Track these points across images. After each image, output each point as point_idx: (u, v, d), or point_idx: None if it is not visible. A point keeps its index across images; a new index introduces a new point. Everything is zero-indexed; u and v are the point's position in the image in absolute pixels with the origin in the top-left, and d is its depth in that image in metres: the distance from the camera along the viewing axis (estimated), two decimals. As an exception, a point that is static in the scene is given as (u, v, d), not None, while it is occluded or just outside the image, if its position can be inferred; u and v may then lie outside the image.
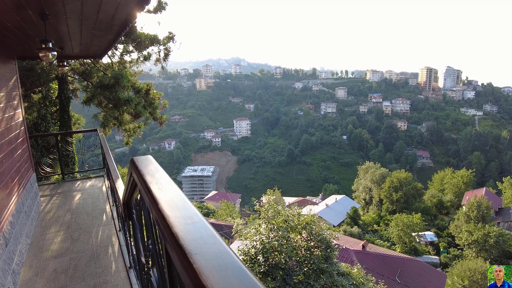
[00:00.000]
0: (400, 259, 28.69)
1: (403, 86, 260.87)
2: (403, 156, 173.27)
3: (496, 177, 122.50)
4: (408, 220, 46.79)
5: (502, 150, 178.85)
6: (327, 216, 60.53)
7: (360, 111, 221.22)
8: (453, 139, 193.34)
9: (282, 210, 12.33)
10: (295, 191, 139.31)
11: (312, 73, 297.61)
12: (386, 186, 64.16)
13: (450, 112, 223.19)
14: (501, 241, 43.21)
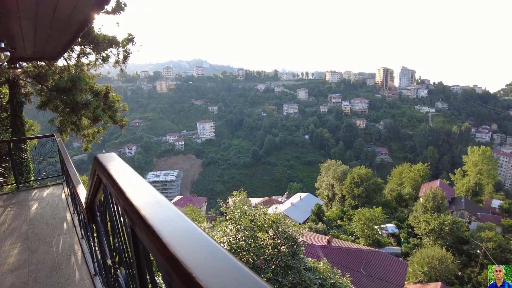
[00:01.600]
0: (364, 252, 29.69)
1: (361, 86, 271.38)
2: (362, 153, 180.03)
3: (448, 170, 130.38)
4: (370, 214, 48.68)
5: (453, 144, 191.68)
6: (293, 214, 61.37)
7: (321, 111, 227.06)
8: (409, 135, 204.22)
9: (249, 210, 12.42)
10: (261, 191, 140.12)
11: (274, 75, 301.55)
12: (348, 182, 66.21)
13: (406, 110, 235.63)
14: (455, 228, 46.25)
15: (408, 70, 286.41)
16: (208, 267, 0.79)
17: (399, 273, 28.58)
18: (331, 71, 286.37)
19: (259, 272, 11.14)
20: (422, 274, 38.27)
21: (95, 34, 13.84)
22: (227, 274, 0.76)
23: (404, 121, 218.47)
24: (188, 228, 1.05)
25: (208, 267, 0.79)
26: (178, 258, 0.83)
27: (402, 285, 27.20)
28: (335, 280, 11.96)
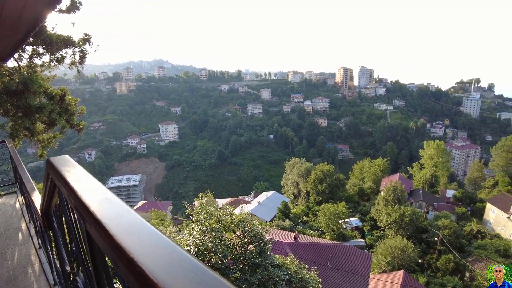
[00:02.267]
0: (330, 246, 30.45)
1: (322, 86, 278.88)
2: (325, 150, 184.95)
3: (407, 163, 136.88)
4: (334, 209, 49.98)
5: (410, 139, 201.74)
6: (260, 213, 61.72)
7: (284, 111, 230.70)
8: (369, 132, 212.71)
9: (215, 211, 12.37)
10: (227, 192, 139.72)
11: (237, 75, 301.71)
12: (312, 179, 67.53)
13: (365, 108, 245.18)
14: (414, 218, 48.65)
15: (367, 70, 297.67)
16: (150, 252, 0.88)
17: (364, 265, 29.60)
18: (293, 72, 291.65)
19: (227, 272, 11.13)
20: (386, 264, 39.89)
21: (48, 34, 13.14)
22: (165, 257, 0.84)
23: (364, 119, 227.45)
24: (134, 221, 1.16)
25: (149, 252, 0.88)
26: (122, 246, 0.92)
27: (368, 276, 28.22)
28: (303, 275, 12.21)
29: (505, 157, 79.10)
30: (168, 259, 0.83)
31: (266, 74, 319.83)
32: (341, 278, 25.54)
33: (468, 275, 42.50)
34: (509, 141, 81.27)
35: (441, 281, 40.45)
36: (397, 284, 32.92)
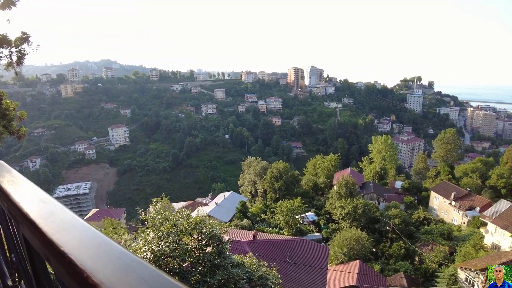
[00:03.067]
0: (288, 241, 30.92)
1: (275, 86, 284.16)
2: (280, 148, 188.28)
3: (357, 158, 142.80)
4: (290, 205, 50.93)
5: (360, 135, 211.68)
6: (218, 214, 61.31)
7: (239, 111, 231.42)
8: (320, 130, 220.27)
9: (170, 215, 12.07)
10: (184, 195, 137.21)
11: (189, 75, 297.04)
12: (268, 177, 68.35)
13: (316, 106, 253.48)
14: (367, 210, 51.00)
15: (317, 69, 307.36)
16: (79, 245, 0.91)
17: (322, 258, 30.41)
18: (246, 72, 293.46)
19: (186, 276, 10.93)
20: (343, 255, 41.45)
21: (-24, 32, 12.07)
22: (94, 247, 0.88)
23: (315, 117, 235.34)
24: (67, 218, 1.18)
25: (79, 245, 0.91)
26: (53, 241, 0.94)
27: (326, 268, 29.05)
28: (262, 272, 12.30)
29: (445, 148, 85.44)
30: (96, 249, 0.87)
31: (220, 74, 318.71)
32: (300, 272, 26.05)
33: (418, 259, 45.46)
34: (448, 134, 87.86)
35: (394, 266, 42.91)
36: (354, 273, 34.35)
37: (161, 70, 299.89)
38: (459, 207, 56.67)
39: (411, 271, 41.68)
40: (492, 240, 43.68)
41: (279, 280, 12.77)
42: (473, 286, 33.24)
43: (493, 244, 43.23)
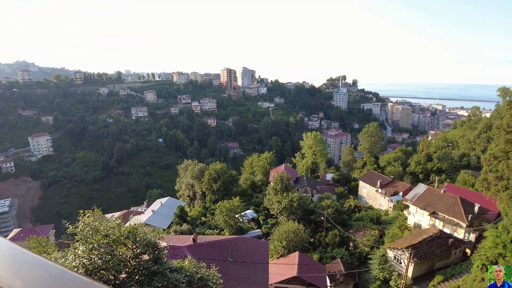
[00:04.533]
0: (229, 241, 30.99)
1: (208, 87, 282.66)
2: (216, 149, 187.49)
3: (290, 154, 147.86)
4: (229, 205, 51.23)
5: (292, 132, 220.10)
6: (155, 221, 59.41)
7: (172, 113, 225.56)
8: (255, 129, 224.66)
9: (100, 226, 11.40)
10: (117, 205, 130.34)
11: (117, 77, 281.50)
12: (206, 179, 67.83)
13: (250, 106, 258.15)
14: (302, 202, 53.06)
15: (249, 70, 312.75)
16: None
17: (262, 253, 31.00)
18: (178, 72, 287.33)
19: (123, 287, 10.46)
20: (282, 248, 42.72)
21: None
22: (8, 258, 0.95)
23: (249, 117, 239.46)
24: None
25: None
26: None
27: (267, 262, 29.67)
28: (202, 273, 12.21)
29: (369, 141, 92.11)
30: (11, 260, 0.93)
31: (150, 75, 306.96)
32: (242, 270, 26.31)
33: (352, 244, 48.56)
34: (371, 127, 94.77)
35: (331, 254, 45.36)
36: (295, 265, 35.62)
37: (86, 73, 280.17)
38: (385, 194, 61.58)
39: (347, 256, 44.45)
40: (414, 220, 48.34)
41: (219, 280, 12.77)
42: (400, 262, 36.48)
43: (415, 224, 47.85)
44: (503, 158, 28.87)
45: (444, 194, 46.46)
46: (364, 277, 41.75)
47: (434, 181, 61.49)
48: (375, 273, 38.28)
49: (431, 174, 70.19)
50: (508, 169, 27.92)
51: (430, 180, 65.42)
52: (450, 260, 38.45)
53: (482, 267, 31.30)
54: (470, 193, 48.68)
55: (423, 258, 36.03)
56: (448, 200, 44.75)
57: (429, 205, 45.84)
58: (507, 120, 28.43)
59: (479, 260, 31.63)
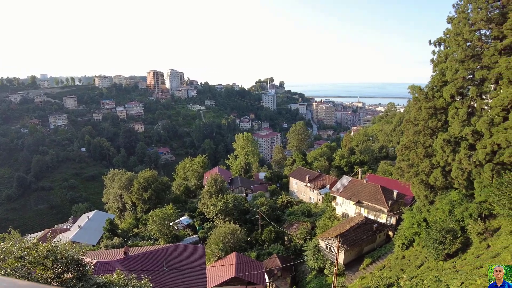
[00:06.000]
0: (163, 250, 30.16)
1: (133, 90, 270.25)
2: (146, 156, 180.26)
3: (224, 156, 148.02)
4: (162, 213, 49.86)
5: (224, 134, 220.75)
6: (83, 238, 55.82)
7: (95, 119, 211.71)
8: (186, 132, 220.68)
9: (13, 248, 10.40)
10: (39, 224, 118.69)
11: (31, 82, 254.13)
12: (135, 188, 65.10)
13: (180, 109, 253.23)
14: (237, 203, 53.66)
15: (177, 72, 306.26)
16: None
17: (198, 258, 30.72)
18: (100, 76, 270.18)
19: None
20: (219, 251, 42.75)
21: None
22: None
23: (180, 120, 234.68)
24: None
25: None
26: None
27: (204, 267, 29.47)
28: (133, 285, 11.81)
29: (297, 139, 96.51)
30: None
31: (69, 79, 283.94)
32: (179, 278, 25.84)
33: (287, 239, 50.35)
34: (298, 126, 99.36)
35: (268, 250, 46.54)
36: (232, 265, 35.89)
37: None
38: (314, 187, 64.95)
39: (283, 251, 45.99)
40: (342, 210, 51.75)
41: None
42: (332, 251, 38.86)
43: (343, 213, 51.29)
44: (412, 148, 32.30)
45: (366, 184, 50.58)
46: (301, 269, 43.56)
47: (357, 172, 66.48)
48: (310, 264, 40.29)
49: (355, 166, 75.68)
50: (417, 157, 31.32)
51: (354, 172, 70.51)
52: (376, 244, 42.09)
53: (402, 246, 34.79)
54: (389, 181, 53.52)
55: (352, 244, 38.85)
56: (370, 189, 48.80)
57: (354, 195, 49.50)
58: (414, 114, 31.89)
59: (399, 240, 35.06)
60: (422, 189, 32.19)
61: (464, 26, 28.82)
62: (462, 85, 28.27)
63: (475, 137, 26.73)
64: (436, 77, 31.13)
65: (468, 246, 26.24)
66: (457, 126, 27.54)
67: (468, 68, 28.27)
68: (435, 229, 26.86)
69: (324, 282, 37.42)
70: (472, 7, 28.84)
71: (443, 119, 29.70)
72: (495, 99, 25.51)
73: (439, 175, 29.52)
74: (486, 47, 28.19)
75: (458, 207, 28.34)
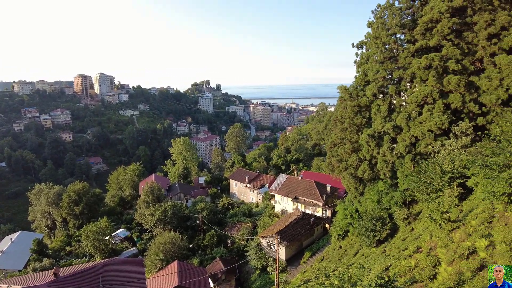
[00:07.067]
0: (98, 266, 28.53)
1: (59, 96, 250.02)
2: (76, 167, 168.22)
3: (161, 163, 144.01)
4: (96, 227, 47.07)
5: (161, 140, 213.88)
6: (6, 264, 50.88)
7: (16, 130, 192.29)
8: (119, 140, 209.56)
9: None
10: None
11: None
12: (65, 203, 60.56)
13: (111, 115, 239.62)
14: (176, 210, 52.54)
15: (107, 76, 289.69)
16: None
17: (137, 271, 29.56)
18: (20, 81, 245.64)
19: None
20: (160, 261, 41.47)
21: None
22: None
23: (112, 127, 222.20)
24: None
25: None
26: None
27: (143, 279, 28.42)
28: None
29: (235, 141, 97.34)
30: None
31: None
32: (116, 294, 24.68)
33: (229, 241, 50.44)
34: (235, 128, 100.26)
35: (211, 255, 46.26)
36: (174, 274, 34.99)
37: None
38: (253, 187, 66.13)
39: (226, 253, 46.02)
40: (280, 207, 53.39)
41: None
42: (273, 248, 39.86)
43: (282, 210, 52.95)
44: (340, 144, 34.47)
45: (302, 180, 52.80)
46: (245, 269, 44.01)
47: (293, 170, 68.97)
48: (253, 263, 40.92)
49: (291, 164, 78.51)
50: (345, 153, 33.47)
51: (291, 170, 73.05)
52: (314, 237, 44.10)
53: (338, 237, 36.84)
54: (323, 176, 56.29)
55: (292, 239, 40.23)
56: (306, 185, 51.07)
57: (291, 192, 51.40)
58: (340, 113, 34.04)
59: (335, 231, 37.07)
60: (352, 182, 34.49)
61: (382, 30, 31.54)
62: (382, 84, 30.88)
63: (396, 131, 29.35)
64: (359, 77, 33.74)
65: (396, 231, 28.59)
66: (379, 122, 30.01)
67: (387, 68, 31.09)
68: (366, 218, 28.85)
69: (268, 280, 38.24)
70: (388, 14, 31.78)
71: (367, 116, 32.15)
72: (411, 96, 28.26)
73: (366, 168, 31.86)
74: (401, 49, 31.27)
75: (385, 196, 30.76)
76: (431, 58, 26.84)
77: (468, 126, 25.48)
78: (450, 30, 27.25)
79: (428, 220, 19.62)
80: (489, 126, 25.44)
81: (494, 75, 25.27)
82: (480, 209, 17.89)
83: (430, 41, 28.12)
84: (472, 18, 27.10)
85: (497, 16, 25.63)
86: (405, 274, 17.00)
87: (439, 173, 21.96)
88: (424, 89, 26.92)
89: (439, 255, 15.92)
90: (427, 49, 28.98)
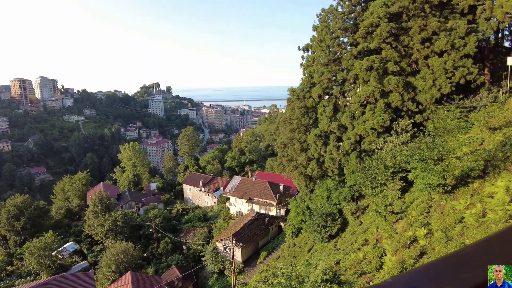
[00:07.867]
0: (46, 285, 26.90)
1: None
2: (16, 179, 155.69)
3: (110, 170, 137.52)
4: (41, 243, 44.05)
5: (109, 146, 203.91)
6: None
7: None
8: (64, 147, 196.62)
9: None
10: None
11: None
12: (4, 218, 55.91)
13: (55, 122, 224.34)
14: (128, 219, 50.63)
15: (49, 80, 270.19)
16: None
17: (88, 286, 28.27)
18: None
19: None
20: (112, 273, 39.76)
21: None
22: None
23: (56, 134, 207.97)
24: None
25: None
26: None
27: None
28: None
29: (188, 144, 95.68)
30: None
31: None
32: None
33: (185, 247, 49.60)
34: (187, 132, 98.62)
35: (166, 263, 45.18)
36: (128, 284, 33.75)
37: None
38: (208, 191, 65.59)
39: (182, 260, 45.21)
40: (236, 209, 53.57)
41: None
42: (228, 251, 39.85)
43: (237, 212, 53.12)
44: (290, 144, 35.50)
45: (256, 181, 53.41)
46: (202, 274, 43.58)
47: (247, 171, 69.44)
48: (210, 268, 40.67)
49: (245, 166, 78.94)
50: (295, 152, 34.53)
51: (245, 171, 73.50)
52: (270, 236, 44.76)
53: (292, 234, 37.76)
54: (276, 176, 57.30)
55: (247, 240, 40.52)
56: (259, 185, 51.76)
57: (245, 193, 51.80)
58: (289, 114, 35.06)
59: (289, 229, 37.97)
60: (302, 180, 35.66)
61: (326, 33, 32.88)
62: (327, 85, 32.23)
63: (341, 130, 30.79)
64: (305, 79, 34.93)
65: (346, 225, 29.91)
66: (325, 122, 31.31)
67: (331, 70, 32.49)
68: (317, 214, 29.86)
69: (226, 283, 38.19)
70: (332, 18, 33.21)
71: (314, 116, 33.42)
72: (354, 97, 29.79)
73: (315, 166, 33.07)
74: (344, 52, 32.85)
75: (334, 192, 32.08)
76: (372, 60, 28.52)
77: (407, 123, 27.50)
78: (388, 34, 29.19)
79: (374, 213, 20.80)
80: (425, 123, 27.58)
81: (428, 76, 27.50)
82: (420, 200, 19.38)
83: (371, 44, 29.83)
84: (407, 23, 29.16)
85: (428, 22, 27.82)
86: (354, 266, 17.93)
87: (382, 168, 23.33)
88: (367, 90, 28.51)
89: (385, 246, 16.99)
90: (368, 51, 30.70)
